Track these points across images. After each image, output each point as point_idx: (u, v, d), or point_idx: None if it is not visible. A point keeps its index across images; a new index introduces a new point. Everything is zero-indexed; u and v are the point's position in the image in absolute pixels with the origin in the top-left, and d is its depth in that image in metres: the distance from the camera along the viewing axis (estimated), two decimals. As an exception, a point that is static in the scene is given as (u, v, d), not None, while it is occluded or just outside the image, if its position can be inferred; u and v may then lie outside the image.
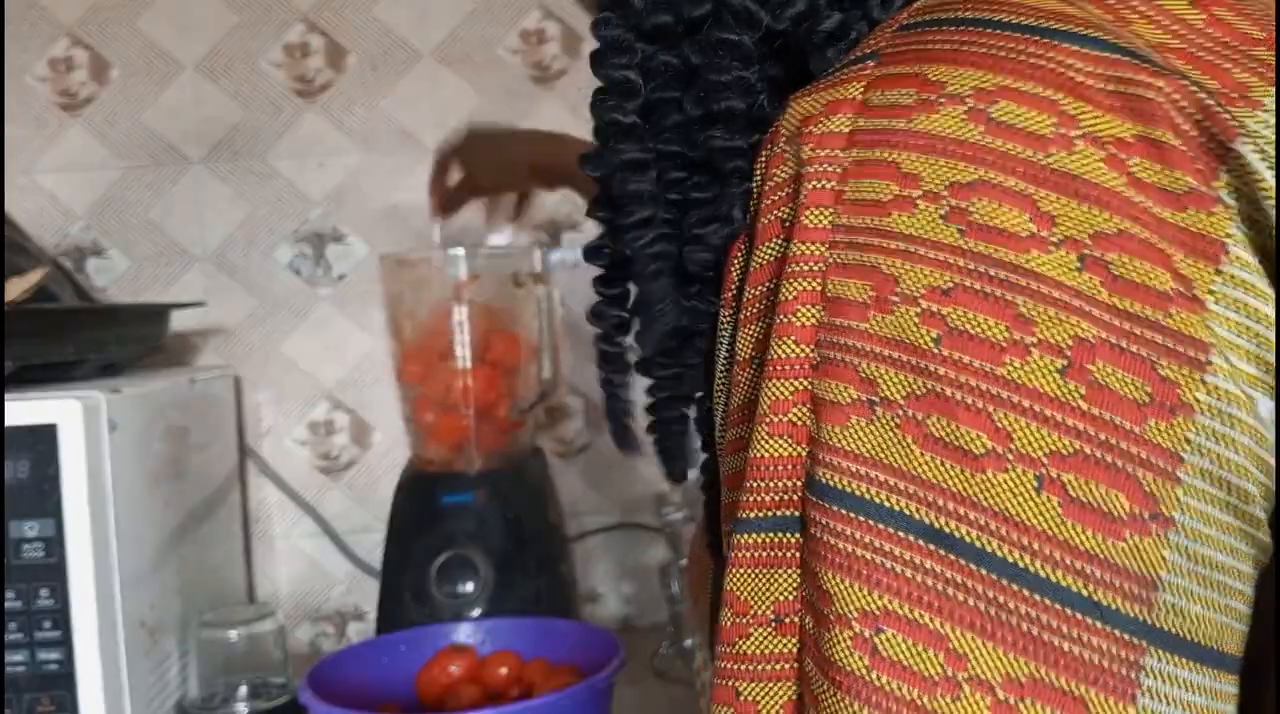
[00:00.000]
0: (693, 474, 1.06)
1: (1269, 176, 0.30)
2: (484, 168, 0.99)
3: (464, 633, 0.90)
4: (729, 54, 0.39)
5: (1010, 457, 0.30)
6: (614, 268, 0.45)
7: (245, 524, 1.22)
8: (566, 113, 1.23)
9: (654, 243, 0.42)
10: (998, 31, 0.32)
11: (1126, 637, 0.29)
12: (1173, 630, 0.30)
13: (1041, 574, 0.29)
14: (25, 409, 0.82)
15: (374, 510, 1.24)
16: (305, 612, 1.26)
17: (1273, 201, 0.30)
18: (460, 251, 1.11)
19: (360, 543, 1.24)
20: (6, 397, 0.83)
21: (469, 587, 1.02)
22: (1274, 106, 0.31)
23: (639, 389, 0.49)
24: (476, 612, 1.00)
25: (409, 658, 0.88)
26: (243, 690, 0.98)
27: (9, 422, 0.82)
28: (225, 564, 1.15)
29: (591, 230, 0.46)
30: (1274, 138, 0.31)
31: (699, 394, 0.46)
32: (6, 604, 0.81)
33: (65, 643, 0.82)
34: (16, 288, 0.95)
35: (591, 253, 0.46)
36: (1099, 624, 0.29)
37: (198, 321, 1.23)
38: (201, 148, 1.24)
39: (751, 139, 0.39)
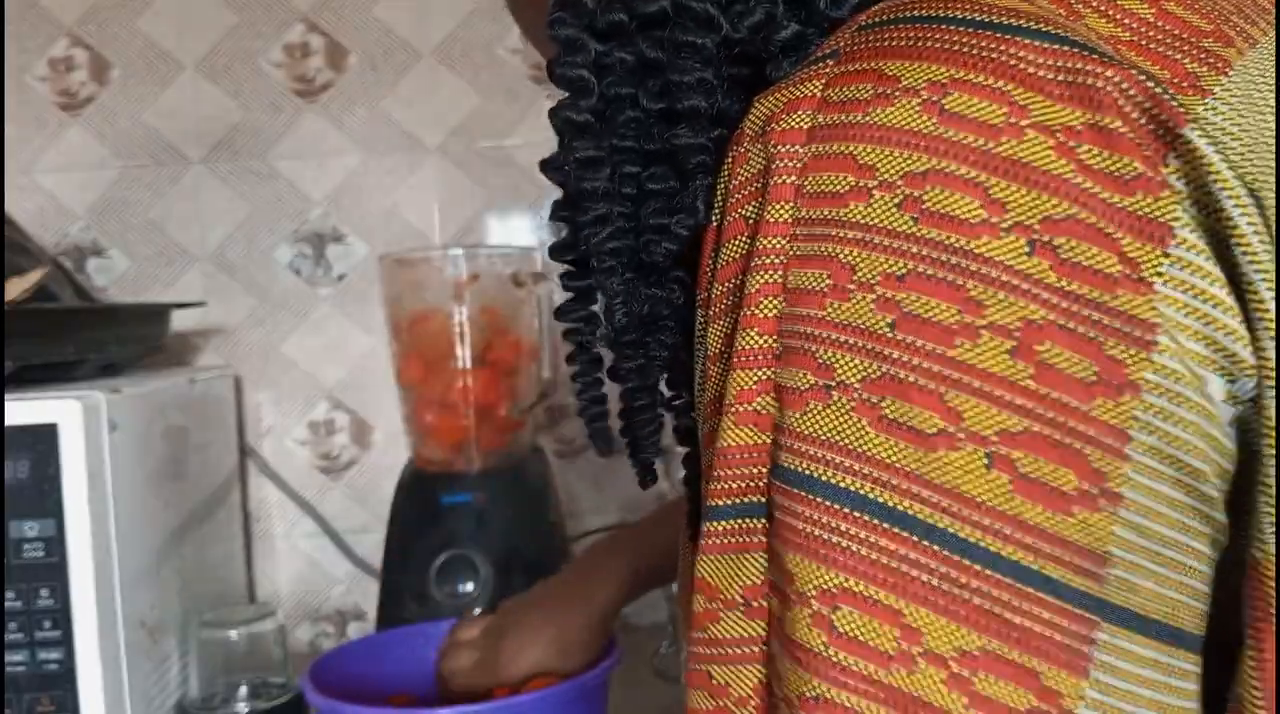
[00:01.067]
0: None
1: (1217, 161, 0.31)
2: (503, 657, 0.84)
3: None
4: (691, 55, 0.40)
5: (961, 435, 0.30)
6: (579, 265, 0.46)
7: (245, 524, 1.23)
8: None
9: (610, 238, 0.43)
10: (953, 28, 0.33)
11: (1077, 610, 0.30)
12: (1124, 605, 0.31)
13: (992, 549, 0.30)
14: (25, 409, 0.82)
15: (374, 510, 1.24)
16: (305, 612, 1.26)
17: (1220, 184, 0.30)
18: (460, 251, 1.11)
19: (360, 543, 1.24)
20: (6, 397, 0.83)
21: (469, 586, 1.02)
22: (1223, 94, 0.32)
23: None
24: (477, 611, 1.00)
25: (405, 654, 0.88)
26: (243, 690, 0.98)
27: (9, 422, 0.82)
28: (225, 564, 1.15)
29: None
30: (1223, 124, 0.32)
31: (672, 394, 0.47)
32: (6, 604, 0.81)
33: (65, 643, 0.82)
34: (16, 288, 0.95)
35: (557, 250, 0.46)
36: (1050, 598, 0.30)
37: (198, 322, 1.23)
38: (201, 148, 1.24)
39: (713, 134, 0.40)
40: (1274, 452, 0.31)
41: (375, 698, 0.82)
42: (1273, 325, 0.31)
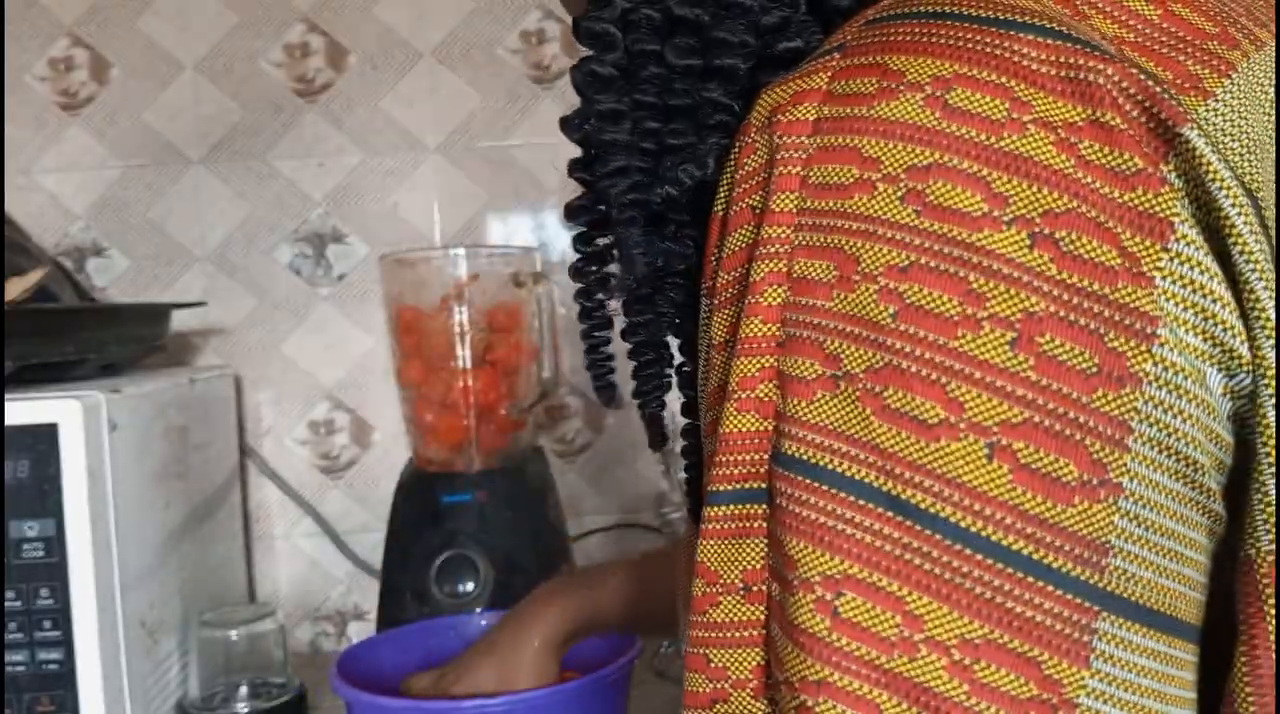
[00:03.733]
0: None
1: (1215, 161, 0.31)
2: None
3: (480, 624, 0.90)
4: (739, 16, 0.41)
5: (962, 426, 0.31)
6: (593, 225, 0.47)
7: (245, 524, 1.23)
8: (566, 113, 1.23)
9: (629, 190, 0.43)
10: (957, 24, 0.33)
11: (1078, 600, 0.30)
12: (1123, 594, 0.31)
13: (993, 539, 0.30)
14: (25, 409, 0.82)
15: (374, 510, 1.24)
16: (305, 612, 1.26)
17: (1218, 183, 0.31)
18: (460, 251, 1.11)
19: (360, 543, 1.24)
20: (6, 397, 0.83)
21: (469, 586, 1.02)
22: (1225, 96, 0.33)
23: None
24: (479, 611, 1.00)
25: (435, 647, 0.88)
26: (243, 690, 0.98)
27: (9, 421, 0.82)
28: (225, 564, 1.15)
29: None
30: (1223, 126, 0.32)
31: (681, 361, 0.48)
32: (6, 604, 0.81)
33: (65, 643, 0.82)
34: (16, 288, 0.95)
35: (572, 212, 0.47)
36: (1050, 588, 0.30)
37: (198, 322, 1.23)
38: (201, 148, 1.24)
39: (738, 102, 0.41)
40: (1271, 453, 0.31)
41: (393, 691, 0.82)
42: (1269, 323, 0.31)
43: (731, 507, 0.35)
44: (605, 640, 0.83)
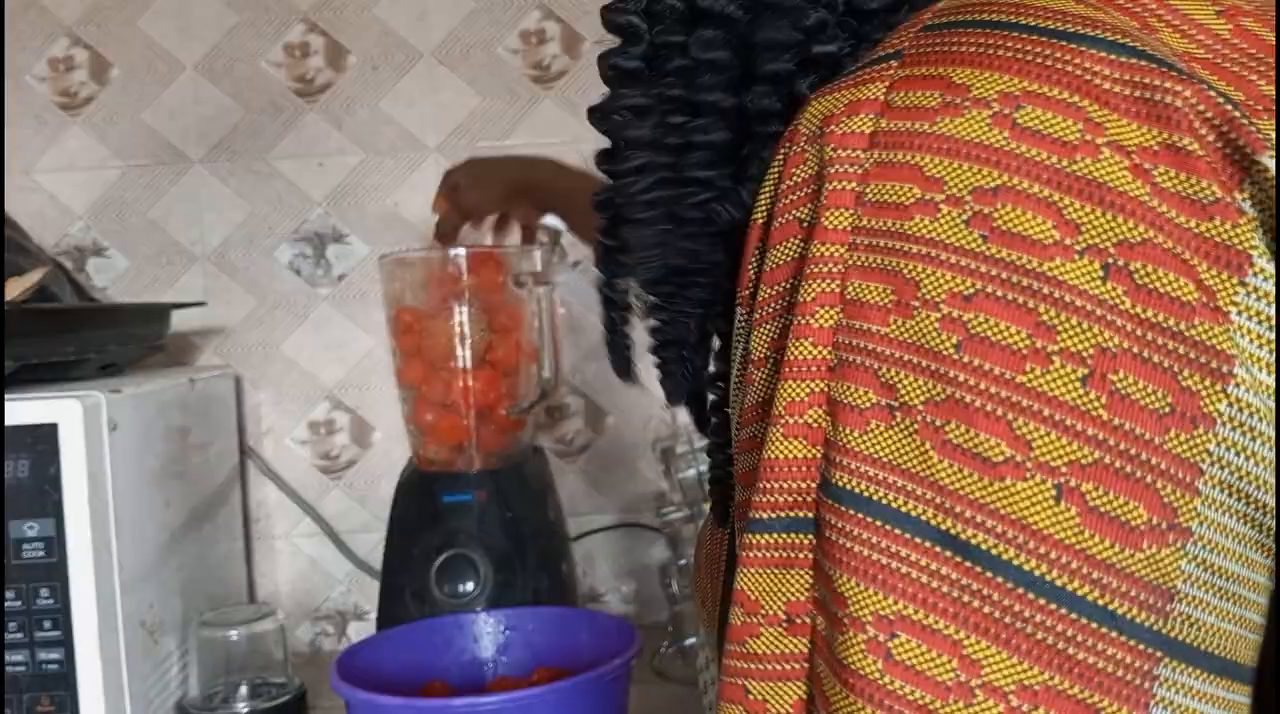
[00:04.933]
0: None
1: None
2: (468, 192, 1.01)
3: (481, 623, 0.90)
4: (781, 16, 0.39)
5: (1029, 465, 0.29)
6: (617, 217, 0.46)
7: (245, 524, 1.23)
8: (566, 112, 1.23)
9: (650, 188, 0.42)
10: (1024, 35, 0.32)
11: (1141, 646, 0.29)
12: (1187, 640, 0.30)
13: (1058, 583, 0.29)
14: (25, 409, 0.82)
15: (374, 510, 1.24)
16: (305, 612, 1.26)
17: None
18: (460, 252, 1.11)
19: (360, 543, 1.24)
20: (6, 396, 0.83)
21: (469, 586, 1.02)
22: None
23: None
24: (479, 609, 1.00)
25: (423, 648, 0.88)
26: (243, 690, 0.98)
27: (9, 422, 0.82)
28: (225, 564, 1.15)
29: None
30: None
31: (708, 356, 0.47)
32: (6, 604, 0.81)
33: (65, 643, 0.82)
34: (16, 288, 0.95)
35: (599, 204, 0.46)
36: (1114, 634, 0.29)
37: (198, 321, 1.23)
38: (201, 148, 1.24)
39: (787, 108, 0.40)
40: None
41: (405, 689, 0.82)
42: None
43: (775, 536, 0.33)
44: (604, 640, 0.83)
